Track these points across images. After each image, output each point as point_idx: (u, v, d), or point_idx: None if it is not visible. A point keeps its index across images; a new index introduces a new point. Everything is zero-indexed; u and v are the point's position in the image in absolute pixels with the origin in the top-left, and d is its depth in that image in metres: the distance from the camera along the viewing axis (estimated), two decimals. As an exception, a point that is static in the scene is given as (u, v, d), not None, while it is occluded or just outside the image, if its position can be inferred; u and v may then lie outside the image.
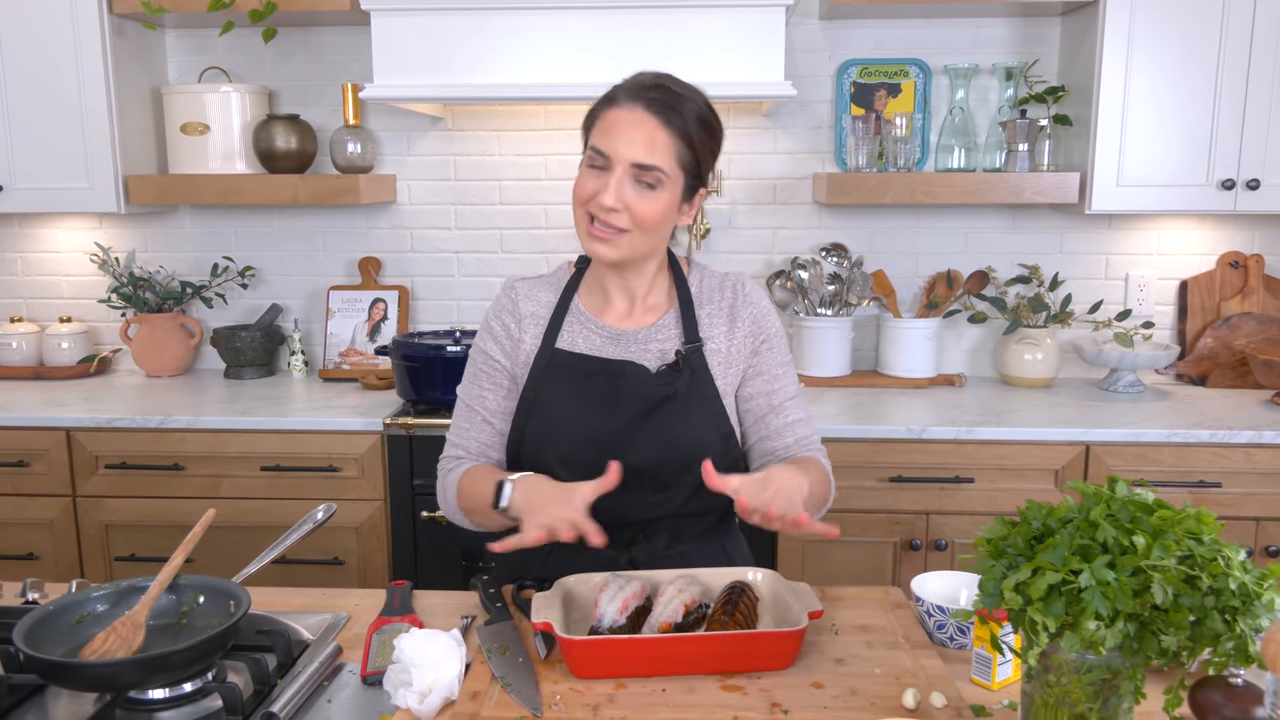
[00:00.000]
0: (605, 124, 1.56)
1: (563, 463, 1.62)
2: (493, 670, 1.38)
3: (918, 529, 2.67)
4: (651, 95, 1.54)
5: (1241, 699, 1.04)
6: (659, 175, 1.54)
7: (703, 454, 1.59)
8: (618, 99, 1.57)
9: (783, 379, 1.70)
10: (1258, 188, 2.77)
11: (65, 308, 3.42)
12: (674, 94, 1.56)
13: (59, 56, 2.92)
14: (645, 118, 1.54)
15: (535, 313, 1.70)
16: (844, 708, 1.29)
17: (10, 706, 1.33)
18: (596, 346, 1.67)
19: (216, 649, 1.31)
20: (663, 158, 1.54)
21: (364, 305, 3.30)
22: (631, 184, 1.54)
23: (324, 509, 1.69)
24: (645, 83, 1.57)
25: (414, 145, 3.28)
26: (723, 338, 1.68)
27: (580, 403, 1.64)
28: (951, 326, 3.27)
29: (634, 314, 1.69)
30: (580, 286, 1.72)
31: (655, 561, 1.66)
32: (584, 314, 1.69)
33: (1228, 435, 2.58)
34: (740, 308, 1.70)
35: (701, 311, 1.69)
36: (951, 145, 3.06)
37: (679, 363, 1.64)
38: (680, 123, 1.55)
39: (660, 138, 1.54)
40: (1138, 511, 1.10)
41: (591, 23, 2.69)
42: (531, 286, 1.74)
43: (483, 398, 1.70)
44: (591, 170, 1.57)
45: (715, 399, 1.65)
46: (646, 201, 1.55)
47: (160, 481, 2.78)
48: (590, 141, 1.59)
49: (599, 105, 1.60)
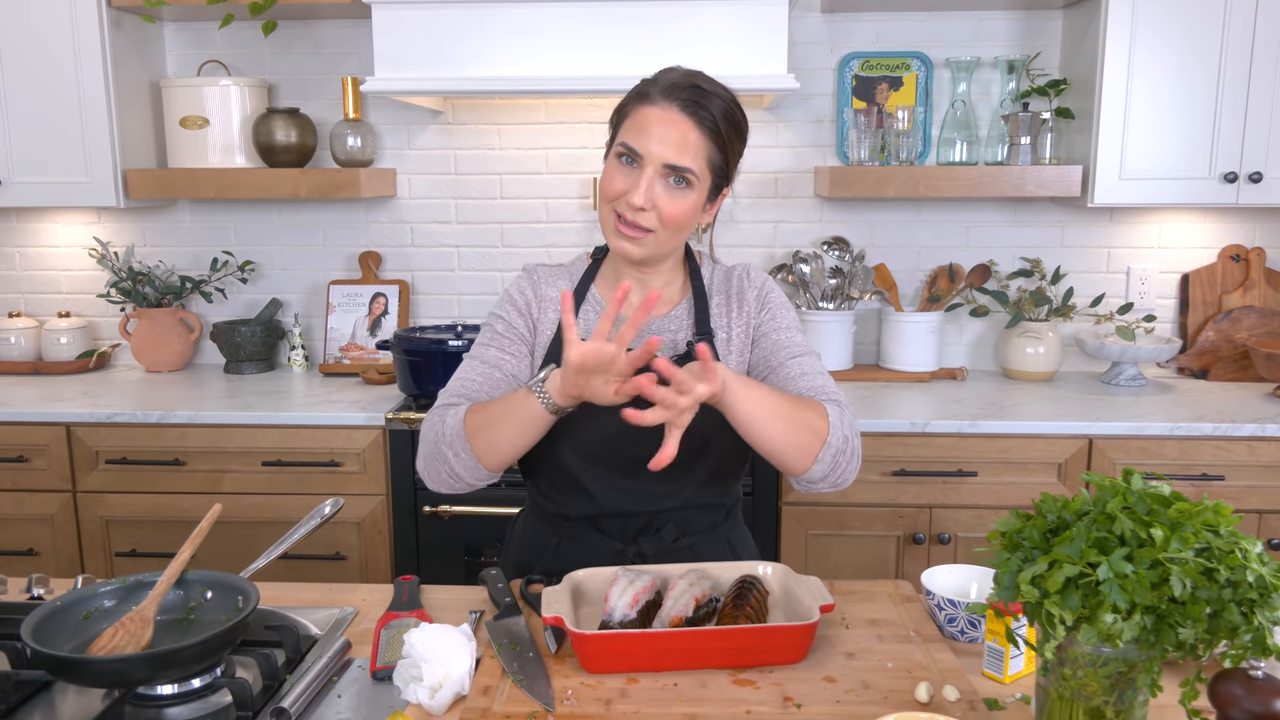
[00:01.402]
0: (638, 121, 1.54)
1: (575, 451, 1.61)
2: (503, 665, 1.37)
3: (921, 522, 2.67)
4: (686, 95, 1.52)
5: (1262, 691, 1.04)
6: (689, 176, 1.53)
7: (712, 444, 1.61)
8: (651, 96, 1.54)
9: (787, 341, 1.66)
10: (1260, 180, 2.77)
11: (64, 302, 3.41)
12: (707, 94, 1.54)
13: (57, 49, 2.90)
14: (679, 118, 1.52)
15: (554, 298, 1.69)
16: (857, 701, 1.29)
17: (18, 702, 1.32)
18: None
19: (226, 644, 1.30)
20: (694, 159, 1.53)
21: (364, 300, 3.29)
22: (661, 184, 1.53)
23: (331, 503, 1.68)
24: (679, 81, 1.54)
25: (414, 139, 3.27)
26: (731, 325, 1.69)
27: None
28: (953, 320, 3.26)
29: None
30: (597, 276, 1.72)
31: (663, 554, 1.66)
32: (600, 303, 1.69)
33: (1230, 428, 2.58)
34: (745, 291, 1.70)
35: (712, 303, 1.70)
36: (953, 139, 3.06)
37: (690, 353, 1.63)
38: (712, 123, 1.53)
39: (693, 138, 1.52)
40: (1155, 504, 1.10)
41: (593, 15, 2.68)
42: (551, 273, 1.73)
43: (502, 359, 1.65)
44: (621, 167, 1.55)
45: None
46: (675, 202, 1.54)
47: (161, 477, 2.76)
48: (620, 137, 1.56)
49: (630, 100, 1.57)
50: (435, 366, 2.76)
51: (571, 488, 1.65)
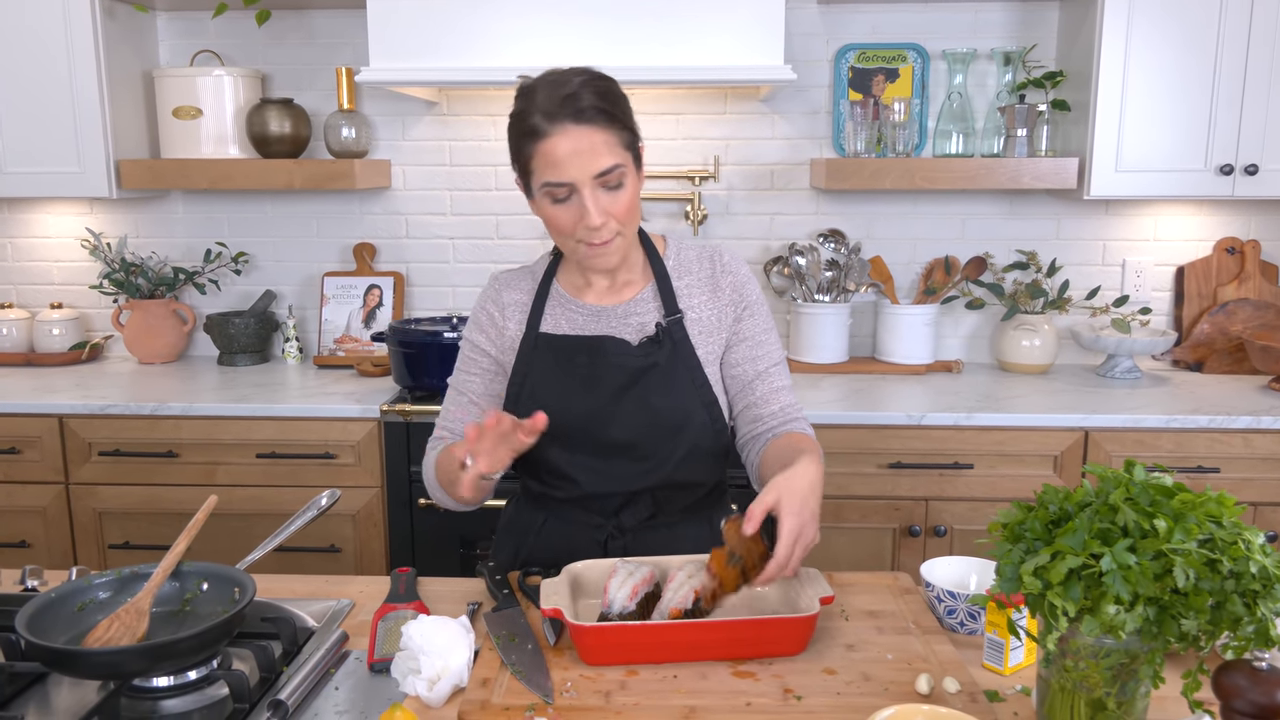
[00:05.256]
0: (545, 158, 1.51)
1: (554, 440, 1.63)
2: (502, 657, 1.36)
3: (917, 515, 2.67)
4: (567, 109, 1.49)
5: (1266, 682, 1.04)
6: (619, 170, 1.53)
7: (686, 424, 1.66)
8: (540, 129, 1.50)
9: (765, 345, 1.72)
10: (1256, 173, 2.77)
11: (56, 294, 3.39)
12: (577, 94, 1.51)
13: (49, 39, 2.88)
14: (581, 131, 1.50)
15: (518, 300, 1.74)
16: (857, 693, 1.28)
17: (12, 695, 1.31)
18: (579, 325, 1.70)
19: (222, 636, 1.29)
20: (613, 153, 1.52)
21: (359, 291, 3.28)
22: (601, 192, 1.53)
23: (328, 495, 1.68)
24: (549, 99, 1.51)
25: (409, 130, 3.25)
26: (703, 306, 1.70)
27: (565, 381, 1.67)
28: (949, 313, 3.26)
29: (613, 290, 1.71)
30: (559, 270, 1.75)
31: (641, 530, 1.70)
32: (564, 296, 1.72)
33: (1226, 420, 2.59)
34: (720, 276, 1.72)
35: (680, 283, 1.71)
36: (949, 130, 3.05)
37: (659, 335, 1.66)
38: (603, 114, 1.51)
39: (600, 139, 1.51)
40: (1158, 495, 1.09)
41: (590, 6, 2.66)
42: (513, 276, 1.78)
43: (469, 382, 1.75)
44: (556, 204, 1.55)
45: (698, 369, 1.68)
46: (620, 198, 1.55)
47: (154, 469, 2.75)
48: (540, 179, 1.53)
49: (523, 140, 1.53)
50: (430, 358, 2.74)
51: (555, 475, 1.71)
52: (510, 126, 1.57)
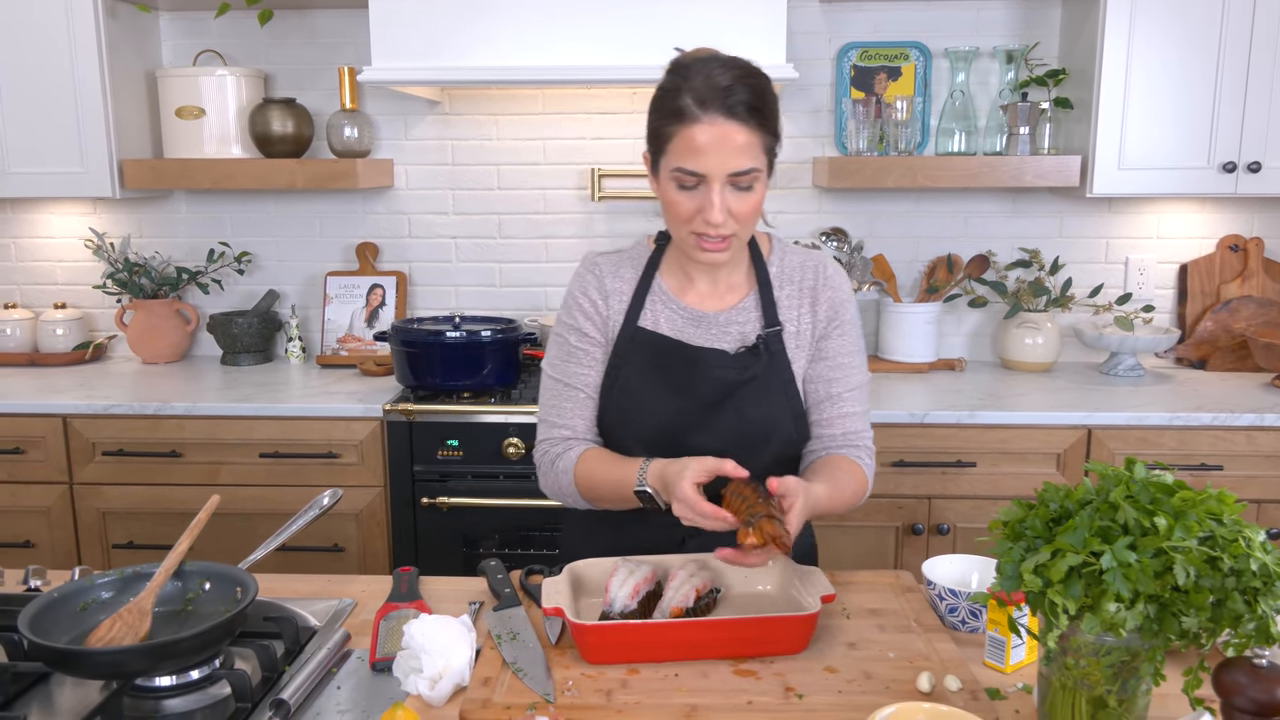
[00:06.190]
0: (686, 143, 1.48)
1: (639, 442, 1.61)
2: (504, 656, 1.36)
3: (920, 513, 2.67)
4: (722, 100, 1.46)
5: (1266, 679, 1.04)
6: (755, 174, 1.50)
7: (774, 434, 1.63)
8: (689, 113, 1.47)
9: (846, 368, 1.67)
10: (1259, 170, 2.76)
11: (60, 294, 3.40)
12: (735, 86, 1.47)
13: (52, 39, 2.88)
14: (731, 128, 1.46)
15: (620, 289, 1.68)
16: (858, 692, 1.28)
17: (16, 694, 1.31)
18: (678, 328, 1.65)
19: (224, 636, 1.30)
20: (753, 156, 1.49)
21: (361, 291, 3.28)
22: (729, 191, 1.50)
23: (330, 494, 1.68)
24: (708, 85, 1.47)
25: (411, 129, 3.25)
26: (801, 319, 1.67)
27: (658, 382, 1.63)
28: (952, 311, 3.26)
29: (715, 294, 1.67)
30: (661, 264, 1.70)
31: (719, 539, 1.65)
32: (666, 293, 1.67)
33: (1229, 418, 2.58)
34: (821, 289, 1.68)
35: (781, 293, 1.67)
36: (952, 129, 3.05)
37: (758, 347, 1.63)
38: (756, 114, 1.48)
39: (743, 139, 1.47)
40: (1158, 493, 1.09)
41: (592, 5, 2.66)
42: (613, 262, 1.71)
43: (582, 374, 1.67)
44: (682, 189, 1.51)
45: (791, 382, 1.65)
46: (747, 200, 1.51)
47: (158, 469, 2.76)
48: (672, 162, 1.50)
49: (668, 121, 1.50)
50: (433, 358, 2.75)
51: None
52: (656, 100, 1.53)
